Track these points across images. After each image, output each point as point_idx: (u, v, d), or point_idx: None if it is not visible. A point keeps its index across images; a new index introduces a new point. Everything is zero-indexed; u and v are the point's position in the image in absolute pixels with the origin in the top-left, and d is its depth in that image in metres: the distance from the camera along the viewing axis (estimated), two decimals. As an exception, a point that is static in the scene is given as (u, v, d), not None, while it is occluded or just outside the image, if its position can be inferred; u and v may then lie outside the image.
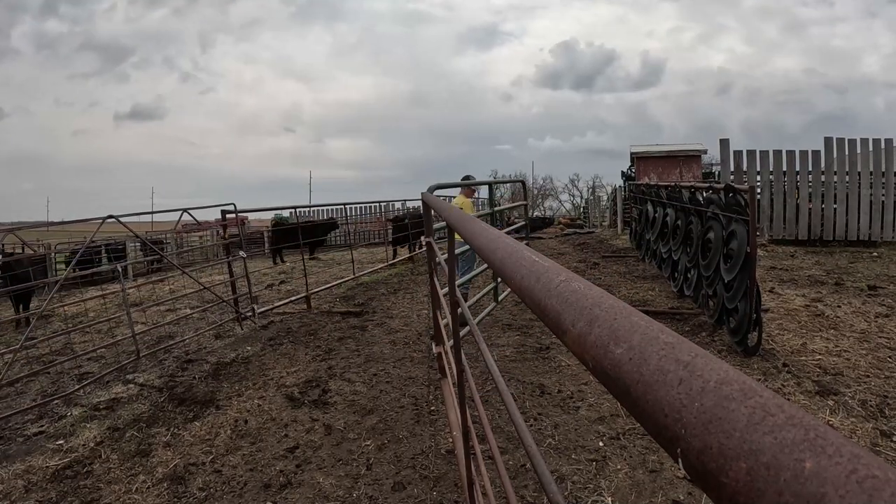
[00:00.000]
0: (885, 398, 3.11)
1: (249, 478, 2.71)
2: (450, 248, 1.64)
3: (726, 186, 4.46)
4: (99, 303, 6.46)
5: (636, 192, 9.82)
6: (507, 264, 0.66)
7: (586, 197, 30.57)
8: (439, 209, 1.73)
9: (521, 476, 2.57)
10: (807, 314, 4.79)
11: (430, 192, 3.29)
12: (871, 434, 2.74)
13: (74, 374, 4.35)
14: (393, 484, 2.59)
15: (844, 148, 8.92)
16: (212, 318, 5.94)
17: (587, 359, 0.38)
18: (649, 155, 13.83)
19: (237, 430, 3.22)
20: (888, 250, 8.38)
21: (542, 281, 0.52)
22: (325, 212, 20.45)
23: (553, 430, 3.01)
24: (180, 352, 4.80)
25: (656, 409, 0.28)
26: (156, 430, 3.27)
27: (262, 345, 4.90)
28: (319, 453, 2.92)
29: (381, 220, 14.57)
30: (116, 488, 2.66)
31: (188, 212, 5.71)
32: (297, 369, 4.19)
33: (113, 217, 4.42)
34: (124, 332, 4.83)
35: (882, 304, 5.06)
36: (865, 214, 8.87)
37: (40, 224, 17.48)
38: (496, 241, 0.77)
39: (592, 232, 14.11)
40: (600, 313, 0.39)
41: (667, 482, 2.45)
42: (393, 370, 4.10)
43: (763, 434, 0.22)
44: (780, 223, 9.18)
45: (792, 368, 3.59)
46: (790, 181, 9.18)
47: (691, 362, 0.29)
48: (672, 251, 5.96)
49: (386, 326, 5.39)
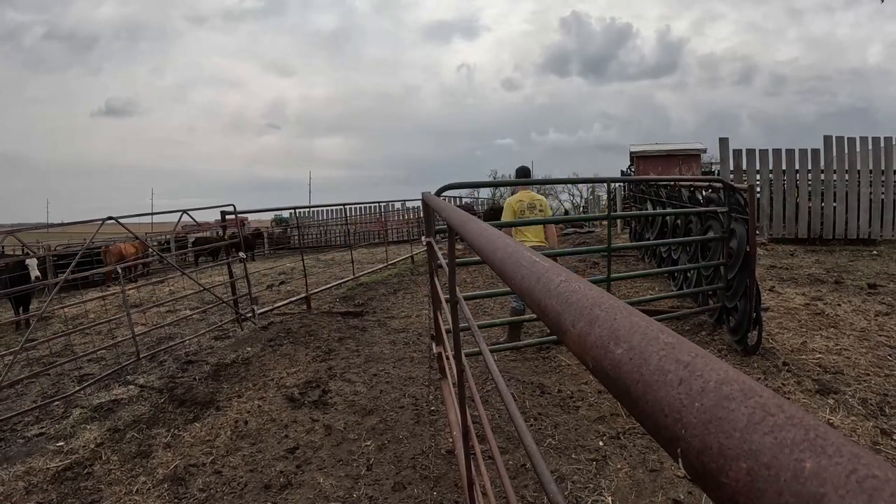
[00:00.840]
0: (885, 396, 3.11)
1: (250, 478, 2.71)
2: (450, 249, 1.64)
3: (725, 185, 4.45)
4: (99, 304, 6.46)
5: (635, 190, 9.82)
6: (507, 264, 0.66)
7: (586, 196, 30.54)
8: (440, 209, 1.73)
9: (521, 476, 2.57)
10: (807, 313, 4.79)
11: (439, 193, 3.22)
12: (871, 433, 2.74)
13: (75, 375, 4.35)
14: (393, 484, 2.59)
15: (844, 146, 8.92)
16: (212, 319, 5.94)
17: (587, 359, 0.38)
18: (649, 154, 13.83)
19: (237, 430, 3.22)
20: (888, 249, 8.38)
21: (542, 281, 0.52)
22: (325, 212, 20.48)
23: (553, 430, 3.01)
24: (180, 353, 4.80)
25: (656, 408, 0.28)
26: (156, 431, 3.27)
27: (262, 345, 4.90)
28: (320, 454, 2.92)
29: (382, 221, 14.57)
30: (117, 489, 2.66)
31: (188, 213, 5.71)
32: (297, 370, 4.19)
33: (112, 218, 4.42)
34: (124, 333, 4.83)
35: (882, 302, 5.06)
36: (865, 213, 8.87)
37: (40, 226, 17.49)
38: (495, 242, 0.77)
39: (592, 231, 14.11)
40: (600, 313, 0.39)
41: (667, 482, 2.45)
42: (393, 370, 4.10)
43: (763, 434, 0.22)
44: (780, 222, 9.18)
45: (792, 367, 3.59)
46: (790, 180, 9.18)
47: (691, 362, 0.29)
48: (672, 250, 5.96)
49: (386, 327, 5.39)
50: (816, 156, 9.03)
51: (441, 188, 3.36)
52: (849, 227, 8.92)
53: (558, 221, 15.93)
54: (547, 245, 4.52)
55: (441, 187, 3.37)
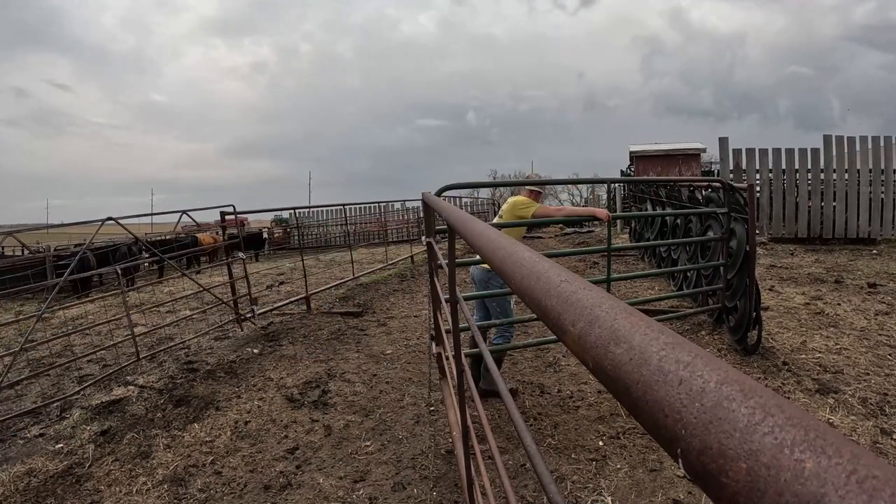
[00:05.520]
0: (885, 396, 3.11)
1: (249, 479, 2.70)
2: (450, 249, 1.64)
3: (725, 185, 4.45)
4: (99, 305, 6.46)
5: (635, 190, 9.82)
6: (507, 264, 0.66)
7: (586, 196, 30.52)
8: (440, 209, 1.73)
9: (521, 476, 2.57)
10: (806, 312, 4.79)
11: (439, 194, 3.20)
12: (871, 432, 2.74)
13: (74, 376, 4.34)
14: (393, 484, 2.59)
15: (844, 146, 8.92)
16: (212, 319, 5.93)
17: (587, 359, 0.38)
18: (648, 154, 13.84)
19: (237, 431, 3.22)
20: (888, 248, 8.39)
21: (542, 281, 0.52)
22: (324, 212, 20.46)
23: (553, 430, 3.01)
24: (180, 353, 4.80)
25: (656, 409, 0.28)
26: (156, 431, 3.27)
27: (262, 346, 4.90)
28: (319, 454, 2.92)
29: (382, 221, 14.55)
30: (117, 490, 2.65)
31: (188, 213, 5.71)
32: (296, 370, 4.19)
33: (112, 219, 4.41)
34: (124, 333, 4.83)
35: (882, 301, 5.06)
36: (865, 212, 8.87)
37: (40, 226, 17.49)
38: (496, 242, 0.77)
39: (592, 231, 14.11)
40: (600, 313, 0.39)
41: (667, 481, 2.45)
42: (393, 370, 4.10)
43: (763, 434, 0.22)
44: (780, 221, 9.18)
45: (792, 367, 3.59)
46: (789, 179, 9.18)
47: (692, 362, 0.29)
48: (672, 249, 5.96)
49: (386, 327, 5.39)
50: (816, 155, 9.04)
51: (441, 188, 3.35)
52: (849, 226, 8.92)
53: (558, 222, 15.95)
54: None
55: (441, 187, 3.36)
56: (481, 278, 3.47)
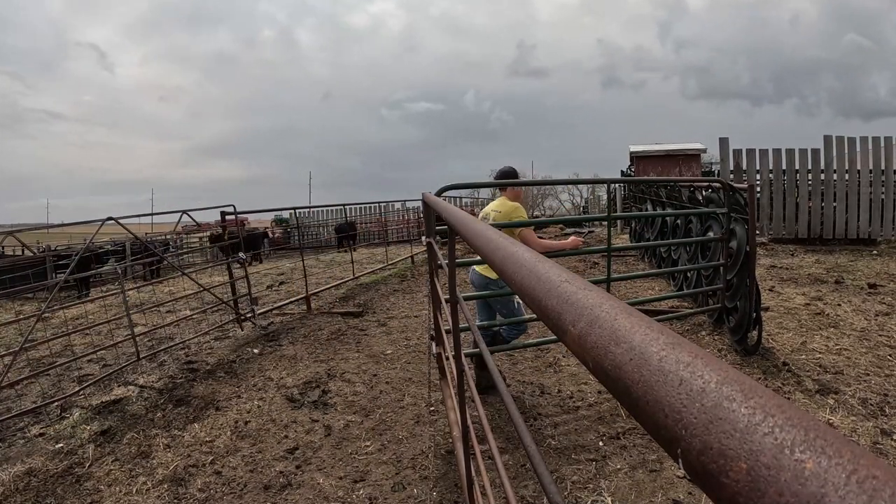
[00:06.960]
0: (885, 396, 3.11)
1: (249, 479, 2.71)
2: (450, 249, 1.64)
3: (725, 185, 4.45)
4: (99, 305, 6.46)
5: (635, 191, 9.82)
6: (507, 264, 0.66)
7: (586, 196, 30.51)
8: (441, 209, 1.73)
9: (521, 476, 2.57)
10: (807, 312, 4.79)
11: (439, 194, 3.19)
12: (871, 433, 2.74)
13: (75, 376, 4.35)
14: (393, 485, 2.59)
15: (844, 146, 8.92)
16: (212, 319, 5.93)
17: (587, 359, 0.38)
18: (648, 154, 13.84)
19: (237, 431, 3.22)
20: (888, 248, 8.38)
21: (542, 281, 0.52)
22: (324, 212, 20.47)
23: (553, 430, 3.01)
24: (180, 353, 4.80)
25: (656, 409, 0.28)
26: (156, 431, 3.27)
27: (262, 346, 4.90)
28: (319, 454, 2.92)
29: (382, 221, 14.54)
30: (117, 490, 2.65)
31: (188, 213, 5.71)
32: (296, 370, 4.19)
33: (112, 219, 4.41)
34: (124, 333, 4.83)
35: (882, 302, 5.06)
36: (865, 213, 8.87)
37: (40, 226, 17.49)
38: (496, 242, 0.77)
39: (592, 231, 14.11)
40: (601, 313, 0.39)
41: (667, 482, 2.45)
42: (393, 370, 4.10)
43: (763, 434, 0.22)
44: (780, 222, 9.18)
45: (792, 367, 3.59)
46: (790, 179, 9.18)
47: (692, 363, 0.29)
48: (672, 250, 5.96)
49: (386, 327, 5.39)
50: (816, 155, 9.03)
51: (441, 188, 3.35)
52: (849, 226, 8.92)
53: (558, 222, 15.89)
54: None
55: (441, 188, 3.36)
56: (480, 283, 3.47)
